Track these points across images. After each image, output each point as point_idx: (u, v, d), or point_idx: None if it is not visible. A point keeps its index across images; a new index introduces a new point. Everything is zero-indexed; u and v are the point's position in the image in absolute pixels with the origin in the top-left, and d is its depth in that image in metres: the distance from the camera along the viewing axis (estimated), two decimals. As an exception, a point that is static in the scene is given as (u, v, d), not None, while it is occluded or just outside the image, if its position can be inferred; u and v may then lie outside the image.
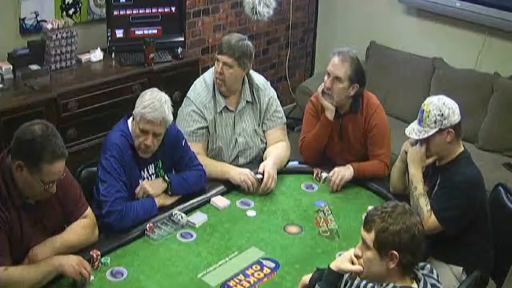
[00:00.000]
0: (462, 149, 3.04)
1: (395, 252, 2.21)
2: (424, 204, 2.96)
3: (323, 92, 3.47)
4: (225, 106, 3.52)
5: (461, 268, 3.06)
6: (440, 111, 2.93)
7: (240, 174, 3.34)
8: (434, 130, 2.95)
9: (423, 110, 2.97)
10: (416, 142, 3.06)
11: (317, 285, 2.33)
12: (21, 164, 2.52)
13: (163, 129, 3.03)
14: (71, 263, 2.57)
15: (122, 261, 2.78)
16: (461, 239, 3.02)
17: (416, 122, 3.03)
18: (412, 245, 2.22)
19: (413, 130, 3.01)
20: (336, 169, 3.41)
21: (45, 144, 2.50)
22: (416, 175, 3.02)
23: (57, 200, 2.71)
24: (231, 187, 3.36)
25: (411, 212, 2.27)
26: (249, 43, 3.51)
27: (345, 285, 2.40)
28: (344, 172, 3.39)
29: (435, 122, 2.94)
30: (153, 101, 2.96)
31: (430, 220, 2.93)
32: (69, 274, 2.57)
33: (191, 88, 3.60)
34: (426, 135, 2.97)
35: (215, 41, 5.10)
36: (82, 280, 2.59)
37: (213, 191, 3.31)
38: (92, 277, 2.62)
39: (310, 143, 3.56)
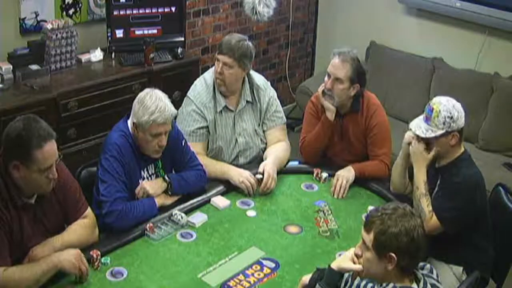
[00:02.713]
0: (462, 149, 3.03)
1: (393, 255, 2.21)
2: (425, 205, 2.96)
3: (323, 92, 3.47)
4: (225, 106, 3.53)
5: (461, 268, 3.06)
6: (450, 113, 2.90)
7: (240, 176, 3.33)
8: (441, 131, 2.92)
9: (432, 109, 2.93)
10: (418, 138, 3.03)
11: (317, 285, 2.34)
12: (16, 163, 2.52)
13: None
14: (70, 258, 2.57)
15: (122, 261, 2.78)
16: (461, 239, 3.02)
17: (422, 118, 2.99)
18: (411, 248, 2.22)
19: (420, 128, 2.97)
20: (338, 173, 3.40)
21: (29, 132, 2.51)
22: (418, 176, 3.01)
23: (57, 200, 2.72)
24: (231, 187, 3.36)
25: (412, 215, 2.25)
26: (250, 43, 3.51)
27: (345, 284, 2.40)
28: (347, 176, 3.37)
29: (443, 123, 2.91)
30: (157, 104, 2.96)
31: (431, 221, 2.93)
32: (69, 270, 2.58)
33: (191, 88, 3.60)
34: (433, 135, 2.93)
35: (215, 41, 5.10)
36: (81, 276, 2.59)
37: (213, 191, 3.31)
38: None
39: (310, 143, 3.56)
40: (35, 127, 2.53)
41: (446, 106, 2.92)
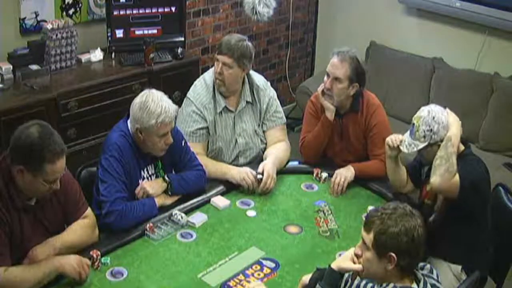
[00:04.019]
0: (462, 147, 3.03)
1: (393, 255, 2.21)
2: (455, 162, 2.87)
3: (323, 92, 3.47)
4: (225, 106, 3.53)
5: (459, 267, 3.06)
6: (430, 126, 2.94)
7: (240, 173, 3.34)
8: (423, 144, 2.97)
9: (414, 124, 2.99)
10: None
11: (317, 285, 2.34)
12: (22, 169, 2.51)
13: None
14: (72, 263, 2.58)
15: (122, 261, 2.78)
16: (460, 237, 3.02)
17: (407, 133, 3.05)
18: (410, 248, 2.22)
19: (404, 142, 3.04)
20: (337, 171, 3.41)
21: (44, 145, 2.49)
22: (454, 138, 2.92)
23: (57, 200, 2.72)
24: (231, 187, 3.36)
25: (412, 215, 2.26)
26: (249, 43, 3.51)
27: (345, 284, 2.40)
28: (346, 174, 3.38)
29: (424, 136, 2.95)
30: (161, 105, 2.97)
31: (455, 179, 2.86)
32: (70, 275, 2.58)
33: (191, 89, 3.60)
34: (415, 149, 2.99)
35: (215, 41, 5.10)
36: (80, 279, 2.60)
37: (213, 191, 3.31)
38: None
39: (310, 143, 3.56)
40: (50, 139, 2.51)
41: (425, 119, 2.95)
